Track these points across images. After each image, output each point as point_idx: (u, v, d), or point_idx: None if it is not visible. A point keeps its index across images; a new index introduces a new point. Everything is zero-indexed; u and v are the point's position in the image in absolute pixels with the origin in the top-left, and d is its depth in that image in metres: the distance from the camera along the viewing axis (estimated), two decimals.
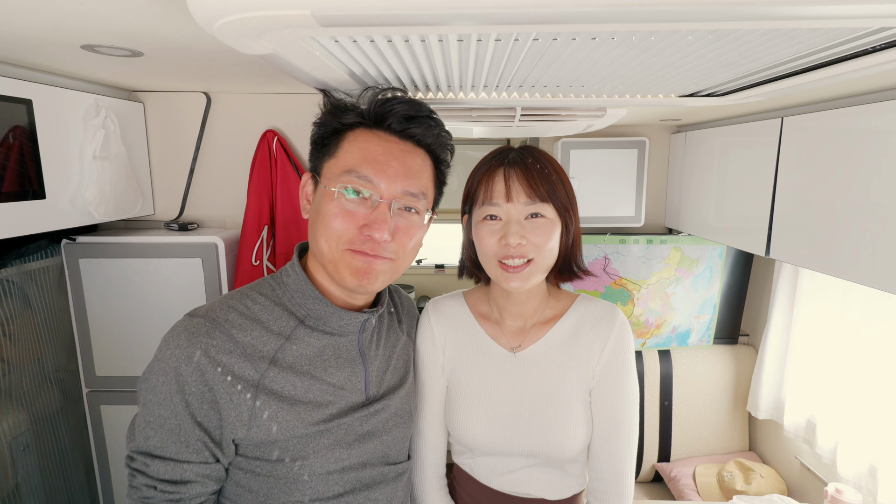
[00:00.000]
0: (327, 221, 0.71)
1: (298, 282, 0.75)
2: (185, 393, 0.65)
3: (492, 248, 0.82)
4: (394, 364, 0.85)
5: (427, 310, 0.96)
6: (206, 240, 1.32)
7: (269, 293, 0.75)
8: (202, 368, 0.65)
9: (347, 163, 0.72)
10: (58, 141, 1.08)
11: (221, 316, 0.69)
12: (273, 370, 0.69)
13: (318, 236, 0.73)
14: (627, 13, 0.46)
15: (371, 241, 0.71)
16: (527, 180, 0.80)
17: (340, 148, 0.73)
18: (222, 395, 0.66)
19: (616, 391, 0.86)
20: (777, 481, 1.63)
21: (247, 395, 0.67)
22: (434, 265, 3.21)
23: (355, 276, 0.72)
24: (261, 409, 0.67)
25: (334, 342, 0.76)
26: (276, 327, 0.72)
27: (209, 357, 0.65)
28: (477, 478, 0.91)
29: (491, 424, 0.87)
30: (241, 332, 0.69)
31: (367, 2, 0.45)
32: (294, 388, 0.70)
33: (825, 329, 1.50)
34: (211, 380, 0.65)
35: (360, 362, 0.78)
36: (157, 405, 0.65)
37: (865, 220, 0.93)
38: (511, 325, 0.91)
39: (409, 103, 0.75)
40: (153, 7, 0.64)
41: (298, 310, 0.75)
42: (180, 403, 0.64)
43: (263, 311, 0.73)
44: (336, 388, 0.74)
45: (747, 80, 0.80)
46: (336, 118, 0.75)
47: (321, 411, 0.72)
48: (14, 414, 1.23)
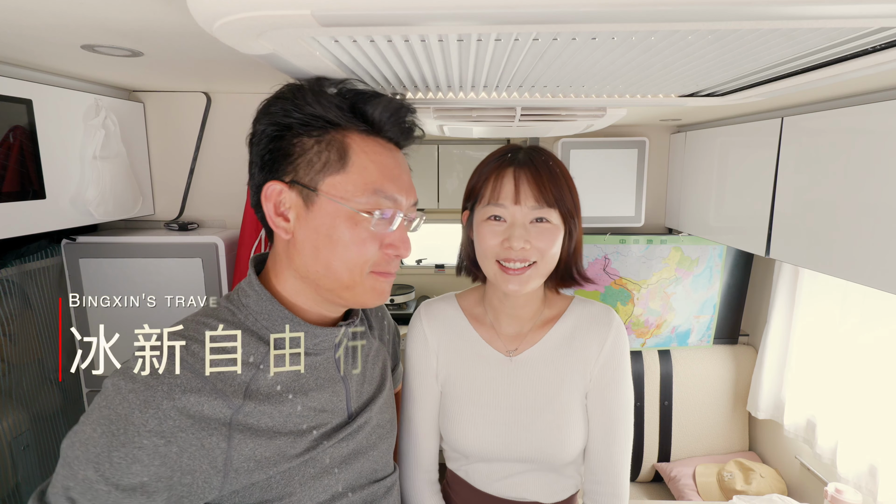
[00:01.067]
0: (355, 247, 0.63)
1: (261, 302, 0.66)
2: (130, 446, 0.53)
3: (493, 248, 0.80)
4: (369, 373, 0.80)
5: (419, 313, 0.94)
6: (206, 240, 1.32)
7: (230, 318, 0.65)
8: (162, 415, 0.54)
9: (369, 180, 0.64)
10: (58, 141, 1.08)
11: (181, 350, 0.59)
12: (249, 404, 0.61)
13: (330, 260, 0.64)
14: (627, 13, 0.46)
15: (396, 261, 0.68)
16: (536, 184, 0.78)
17: (350, 161, 0.63)
18: (188, 444, 0.55)
19: (613, 393, 0.85)
20: (777, 481, 1.63)
21: (221, 441, 0.58)
22: (434, 265, 3.21)
23: (378, 298, 0.68)
24: (239, 450, 0.59)
25: (310, 362, 0.69)
26: (244, 356, 0.63)
27: (172, 401, 0.55)
28: (472, 483, 0.90)
29: (488, 431, 0.85)
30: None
31: (367, 2, 0.45)
32: (272, 420, 0.62)
33: (825, 329, 1.50)
34: (171, 429, 0.54)
35: (339, 379, 0.73)
36: (86, 464, 0.52)
37: (865, 220, 0.93)
38: (507, 328, 0.89)
39: (408, 110, 0.70)
40: (153, 7, 0.63)
41: (266, 333, 0.66)
42: (121, 461, 0.52)
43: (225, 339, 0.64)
44: (318, 411, 0.68)
45: (747, 80, 0.80)
46: (318, 116, 0.63)
47: (303, 440, 0.65)
48: (14, 414, 1.23)
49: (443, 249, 3.28)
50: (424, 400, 0.91)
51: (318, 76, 0.69)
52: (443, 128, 1.24)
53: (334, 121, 0.64)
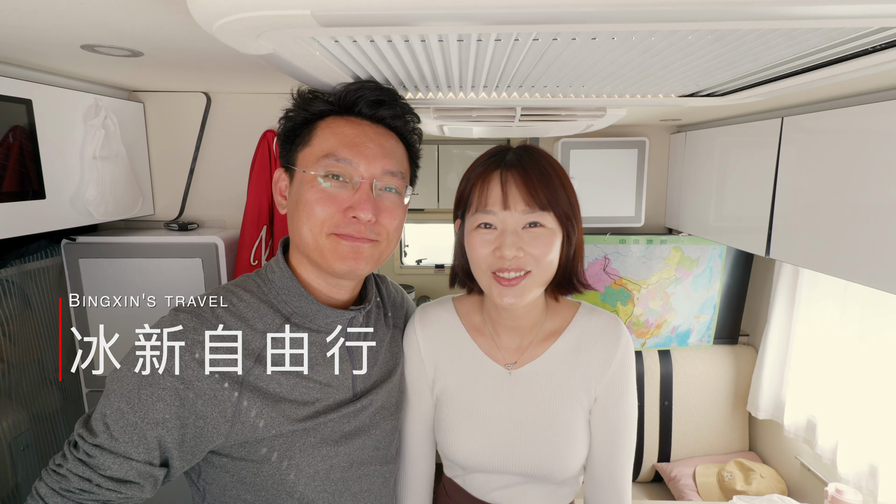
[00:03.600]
0: (309, 208, 0.70)
1: (284, 278, 0.74)
2: (156, 387, 0.62)
3: (485, 259, 0.74)
4: (381, 359, 0.84)
5: (413, 320, 0.89)
6: (206, 240, 1.32)
7: (255, 290, 0.74)
8: (183, 364, 0.63)
9: (324, 148, 0.71)
10: (58, 141, 1.08)
11: (208, 312, 0.68)
12: (258, 368, 0.68)
13: (300, 225, 0.71)
14: (628, 13, 0.46)
15: (356, 223, 0.70)
16: (525, 186, 0.72)
17: (314, 136, 0.73)
18: (203, 392, 0.64)
19: (619, 409, 0.82)
20: (777, 481, 1.63)
21: (233, 393, 0.66)
22: (434, 265, 3.21)
23: (343, 261, 0.71)
24: (247, 407, 0.66)
25: (321, 339, 0.75)
26: (262, 325, 0.71)
27: (192, 353, 0.64)
28: (469, 491, 0.87)
29: (486, 445, 0.82)
30: (226, 330, 0.68)
31: (366, 2, 0.45)
32: (279, 386, 0.69)
33: (825, 329, 1.50)
34: (190, 376, 0.63)
35: (348, 359, 0.77)
36: (120, 396, 0.62)
37: (865, 220, 0.93)
38: (507, 341, 0.84)
39: (377, 89, 0.76)
40: (153, 7, 0.63)
41: (284, 307, 0.73)
42: (148, 398, 0.62)
43: (249, 308, 0.71)
44: (323, 385, 0.73)
45: (747, 80, 0.80)
46: (305, 108, 0.75)
47: (307, 409, 0.71)
48: (14, 414, 1.23)
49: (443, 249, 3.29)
50: (418, 411, 0.88)
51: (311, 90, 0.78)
52: (443, 128, 1.24)
53: (317, 111, 0.75)
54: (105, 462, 0.60)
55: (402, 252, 3.28)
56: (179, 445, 0.64)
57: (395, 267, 3.24)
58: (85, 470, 0.60)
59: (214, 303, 0.70)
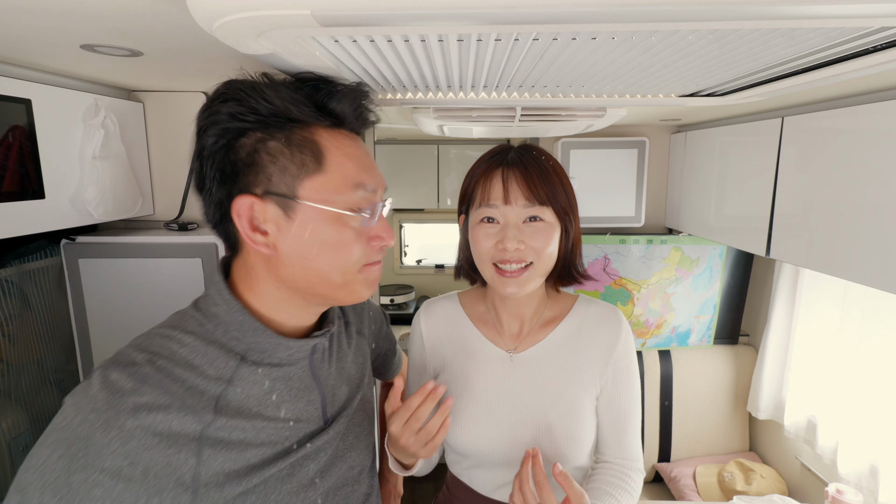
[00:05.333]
0: (346, 248, 0.61)
1: (232, 312, 0.62)
2: (91, 469, 0.49)
3: (488, 251, 0.79)
4: (346, 373, 0.77)
5: (419, 313, 0.95)
6: (206, 240, 1.31)
7: (197, 330, 0.61)
8: (125, 436, 0.50)
9: (348, 176, 0.60)
10: (57, 141, 1.08)
11: (147, 368, 0.55)
12: (219, 419, 0.57)
13: (323, 267, 0.61)
14: (628, 13, 0.46)
15: (382, 252, 0.67)
16: (525, 182, 0.78)
17: (326, 160, 0.59)
18: (153, 463, 0.52)
19: (625, 390, 0.86)
20: (777, 481, 1.63)
21: (189, 458, 0.54)
22: (434, 265, 3.21)
23: (370, 288, 0.66)
24: (207, 464, 0.55)
25: (284, 373, 0.65)
26: (214, 371, 0.59)
27: (137, 420, 0.51)
28: (473, 487, 0.89)
29: (491, 429, 0.84)
30: (173, 384, 0.55)
31: (367, 2, 0.45)
32: (244, 433, 0.59)
33: (825, 329, 1.50)
34: (135, 449, 0.51)
35: (315, 387, 0.69)
36: (41, 490, 0.48)
37: (865, 220, 0.93)
38: (509, 327, 0.89)
39: (360, 95, 0.67)
40: (153, 7, 0.63)
41: (237, 345, 0.62)
42: (81, 486, 0.48)
43: (194, 354, 0.59)
44: (293, 422, 0.65)
45: (747, 80, 0.80)
46: (285, 115, 0.58)
47: (278, 451, 0.63)
48: (13, 414, 1.23)
49: (443, 249, 3.29)
50: None
51: (263, 71, 0.63)
52: (443, 128, 1.24)
53: (297, 118, 0.59)
54: None
55: (402, 252, 3.28)
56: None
57: (394, 267, 3.24)
58: None
59: (152, 354, 0.57)
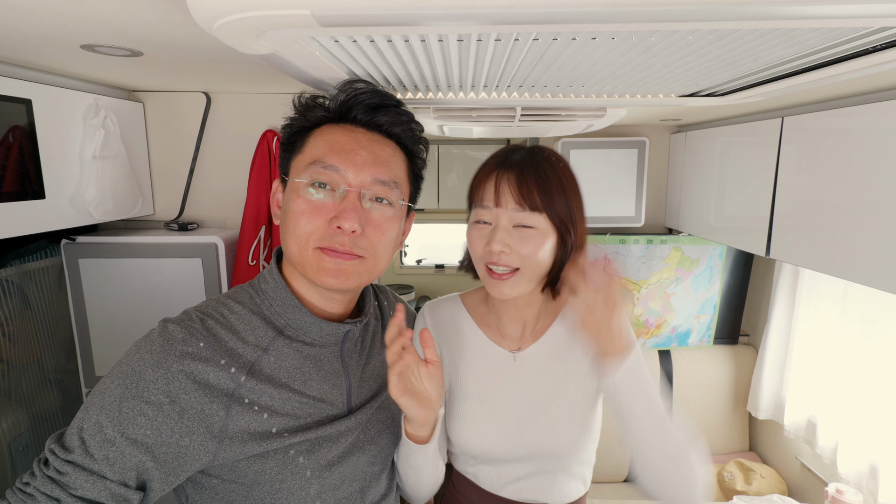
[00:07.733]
0: (295, 219, 0.67)
1: (277, 289, 0.71)
2: (139, 399, 0.58)
3: (479, 252, 0.79)
4: (378, 371, 0.82)
5: (422, 313, 0.94)
6: (205, 240, 1.32)
7: (247, 301, 0.71)
8: (170, 377, 0.60)
9: (313, 155, 0.69)
10: (57, 141, 1.08)
11: (198, 324, 0.65)
12: (250, 381, 0.65)
13: (287, 237, 0.69)
14: (628, 13, 0.46)
15: (340, 235, 0.66)
16: (518, 186, 0.75)
17: (307, 143, 0.71)
18: (189, 406, 0.60)
19: (635, 378, 0.79)
20: (777, 481, 1.63)
21: (220, 409, 0.62)
22: (434, 265, 3.21)
23: (328, 277, 0.67)
24: (234, 419, 0.63)
25: (315, 353, 0.72)
26: (254, 338, 0.68)
27: (182, 365, 0.61)
28: (480, 485, 0.89)
29: (497, 428, 0.84)
30: (217, 342, 0.65)
31: (366, 2, 0.45)
32: (271, 400, 0.66)
33: (825, 329, 1.50)
34: (176, 390, 0.60)
35: (342, 373, 0.75)
36: (100, 409, 0.58)
37: (865, 220, 0.93)
38: (510, 329, 0.89)
39: (374, 93, 0.72)
40: (153, 7, 0.63)
41: (277, 319, 0.71)
42: (130, 411, 0.58)
43: (240, 321, 0.68)
44: (316, 400, 0.70)
45: (747, 80, 0.80)
46: (303, 116, 0.73)
47: (298, 423, 0.68)
48: (14, 414, 1.23)
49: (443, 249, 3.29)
50: None
51: (313, 94, 0.75)
52: (443, 128, 1.24)
53: (314, 124, 0.73)
54: (77, 480, 0.55)
55: (402, 252, 3.28)
56: (160, 465, 0.60)
57: (395, 267, 3.24)
58: (54, 489, 0.55)
59: (205, 314, 0.67)
